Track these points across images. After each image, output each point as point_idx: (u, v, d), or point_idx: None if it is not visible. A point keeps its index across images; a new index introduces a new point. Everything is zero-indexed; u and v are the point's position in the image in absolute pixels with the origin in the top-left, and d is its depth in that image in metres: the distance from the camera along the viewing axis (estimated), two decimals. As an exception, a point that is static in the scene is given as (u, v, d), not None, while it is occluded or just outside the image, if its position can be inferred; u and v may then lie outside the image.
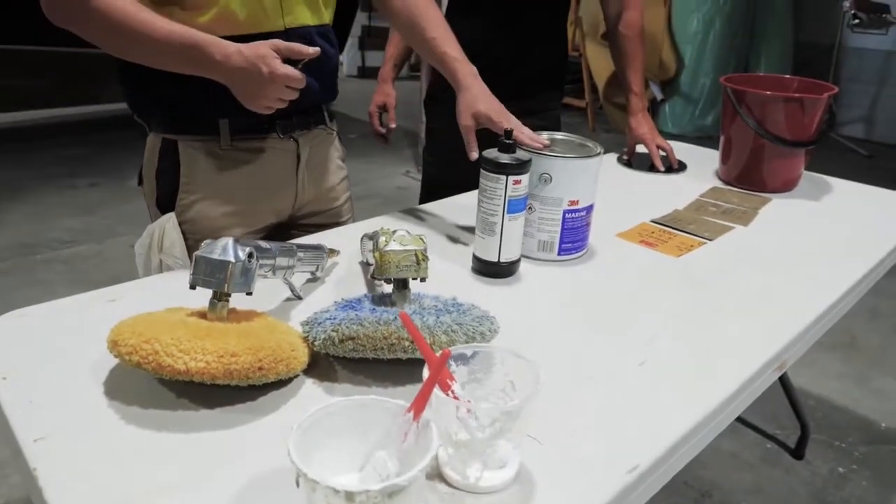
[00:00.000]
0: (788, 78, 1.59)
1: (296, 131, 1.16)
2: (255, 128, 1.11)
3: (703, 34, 5.08)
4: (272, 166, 1.15)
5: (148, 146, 1.13)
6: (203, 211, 1.11)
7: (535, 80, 1.64)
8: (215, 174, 1.10)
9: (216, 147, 1.09)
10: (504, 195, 0.96)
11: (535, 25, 1.58)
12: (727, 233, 1.25)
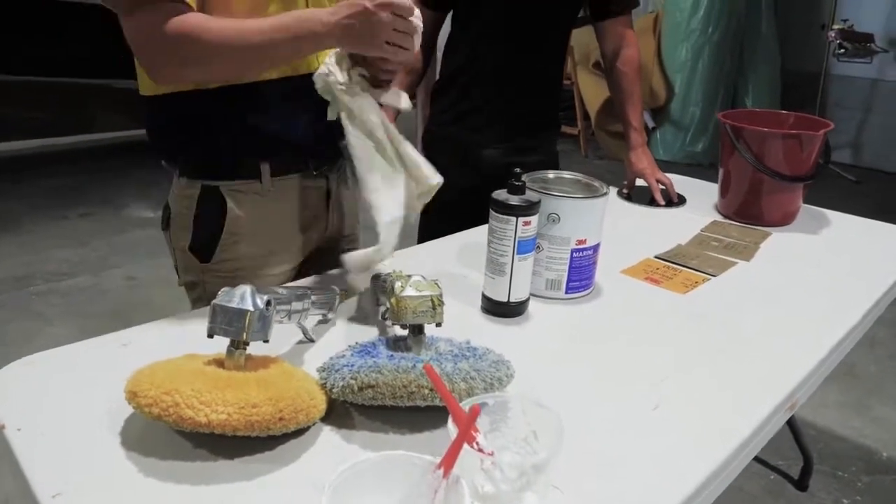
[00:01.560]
0: (784, 113, 1.62)
1: (325, 168, 1.20)
2: (291, 167, 1.14)
3: (692, 63, 5.16)
4: (307, 203, 1.19)
5: (180, 192, 1.13)
6: (246, 251, 1.13)
7: (534, 115, 1.65)
8: (257, 215, 1.13)
9: (258, 189, 1.12)
10: (514, 236, 0.97)
11: (534, 65, 1.60)
12: (731, 268, 1.26)
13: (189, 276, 1.16)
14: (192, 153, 1.11)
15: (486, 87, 1.59)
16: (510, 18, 1.55)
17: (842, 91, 5.42)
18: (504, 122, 1.62)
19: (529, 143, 1.65)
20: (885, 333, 2.71)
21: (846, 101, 5.43)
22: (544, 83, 1.65)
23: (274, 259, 1.16)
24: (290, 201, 1.16)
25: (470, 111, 1.62)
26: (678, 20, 5.17)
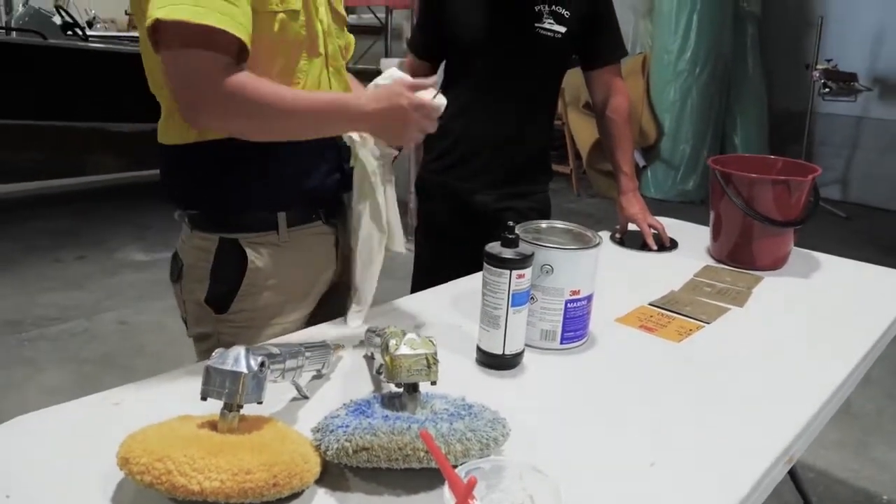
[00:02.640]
0: (772, 158, 1.64)
1: (334, 217, 1.24)
2: (305, 218, 1.19)
3: (680, 103, 5.25)
4: (318, 252, 1.23)
5: (194, 245, 1.14)
6: (263, 301, 1.15)
7: (525, 163, 1.67)
8: (274, 266, 1.15)
9: (276, 240, 1.15)
10: (508, 289, 0.97)
11: (525, 115, 1.63)
12: (724, 315, 1.27)
13: (200, 328, 1.17)
14: (211, 205, 1.13)
15: (476, 136, 1.62)
16: (500, 70, 1.59)
17: (828, 129, 5.51)
18: (495, 169, 1.64)
19: (520, 189, 1.66)
20: (880, 371, 2.71)
21: (832, 139, 5.52)
22: (535, 132, 1.67)
23: (288, 307, 1.19)
24: (303, 251, 1.19)
25: (461, 160, 1.65)
26: (666, 62, 5.27)
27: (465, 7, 1.58)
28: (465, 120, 1.61)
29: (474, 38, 1.58)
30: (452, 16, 1.60)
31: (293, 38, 1.09)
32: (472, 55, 1.58)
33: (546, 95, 1.69)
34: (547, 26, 1.56)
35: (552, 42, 1.58)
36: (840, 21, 5.30)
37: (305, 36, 1.11)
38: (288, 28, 1.07)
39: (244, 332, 1.15)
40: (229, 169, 1.10)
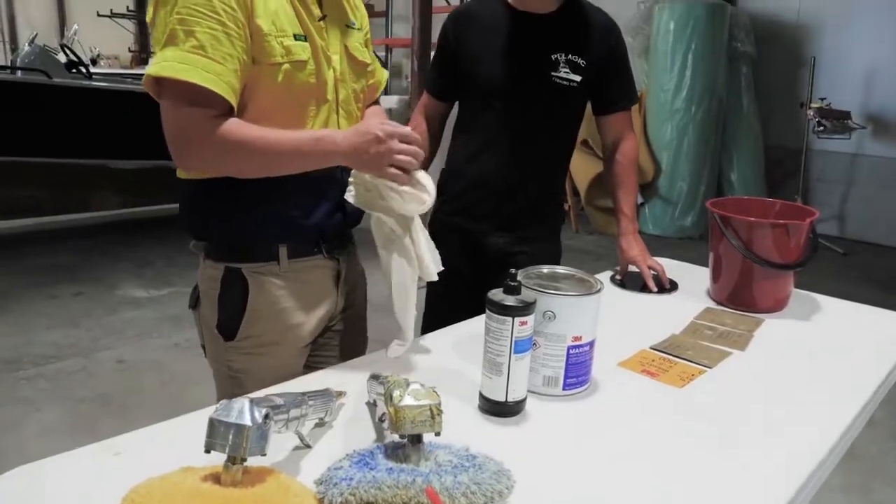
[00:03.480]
0: (771, 201, 1.66)
1: (336, 251, 1.30)
2: (306, 250, 1.24)
3: (677, 141, 5.31)
4: (319, 283, 1.29)
5: (206, 275, 1.23)
6: (265, 329, 1.22)
7: (537, 207, 1.70)
8: (275, 295, 1.22)
9: (276, 270, 1.22)
10: (510, 336, 0.97)
11: (539, 156, 1.66)
12: (726, 359, 1.27)
13: (215, 354, 1.25)
14: (218, 236, 1.21)
15: (490, 180, 1.65)
16: (515, 116, 1.61)
17: (823, 165, 5.58)
18: (508, 213, 1.67)
19: (533, 233, 1.69)
20: (882, 413, 2.69)
21: (828, 175, 5.58)
22: (548, 177, 1.72)
23: (290, 335, 1.25)
24: (304, 282, 1.25)
25: (474, 203, 1.68)
26: (662, 100, 5.35)
27: (482, 52, 1.61)
28: (478, 164, 1.65)
29: (490, 83, 1.61)
30: (469, 60, 1.62)
31: (300, 87, 1.15)
32: (487, 100, 1.61)
33: (560, 142, 1.71)
34: (563, 75, 1.59)
35: (568, 90, 1.60)
36: (832, 61, 5.41)
37: (314, 84, 1.17)
38: (294, 78, 1.13)
39: (250, 358, 1.22)
40: (235, 204, 1.17)
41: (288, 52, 1.12)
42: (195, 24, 1.04)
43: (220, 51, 1.05)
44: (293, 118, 1.16)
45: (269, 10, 1.11)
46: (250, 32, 1.09)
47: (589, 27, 1.62)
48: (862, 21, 5.31)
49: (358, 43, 1.32)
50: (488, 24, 1.61)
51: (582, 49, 1.60)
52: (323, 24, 1.21)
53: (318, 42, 1.18)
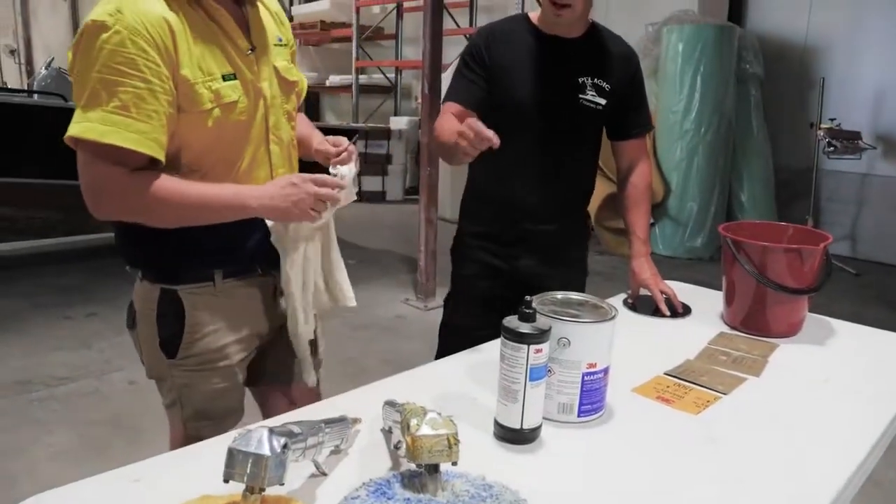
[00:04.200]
0: (784, 225, 1.66)
1: (273, 268, 1.31)
2: (241, 272, 1.29)
3: (687, 161, 5.32)
4: (256, 299, 1.34)
5: (141, 295, 1.27)
6: (205, 346, 1.26)
7: (566, 230, 1.73)
8: (212, 313, 1.26)
9: (212, 290, 1.26)
10: (526, 364, 0.98)
11: (566, 178, 1.69)
12: (741, 385, 1.26)
13: (157, 371, 1.29)
14: (152, 262, 1.26)
15: (519, 203, 1.67)
16: (543, 138, 1.63)
17: (834, 185, 5.56)
18: (538, 236, 1.68)
19: (562, 255, 1.71)
20: (898, 435, 2.66)
21: (839, 195, 5.56)
22: (575, 200, 1.74)
23: (231, 349, 1.29)
24: (241, 298, 1.30)
25: (505, 227, 1.70)
26: (672, 121, 5.36)
27: (513, 69, 1.62)
28: (507, 186, 1.67)
29: (522, 100, 1.62)
30: (501, 75, 1.62)
31: (232, 127, 1.19)
32: (517, 118, 1.61)
33: (585, 165, 1.74)
34: (590, 97, 1.62)
35: (593, 113, 1.64)
36: (841, 81, 5.41)
37: (245, 120, 1.21)
38: (225, 120, 1.17)
39: (194, 375, 1.27)
40: (166, 233, 1.19)
41: (217, 95, 1.15)
42: (118, 84, 1.03)
43: (145, 109, 1.06)
44: (226, 156, 1.20)
45: (193, 57, 1.12)
46: (176, 84, 1.10)
47: (612, 54, 1.66)
48: (870, 41, 5.32)
49: (286, 61, 1.34)
50: (518, 44, 1.63)
51: (606, 74, 1.63)
52: (252, 56, 1.22)
53: (248, 76, 1.21)
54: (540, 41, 1.63)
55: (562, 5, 1.51)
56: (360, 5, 8.40)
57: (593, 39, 1.65)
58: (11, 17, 21.05)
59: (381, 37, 8.96)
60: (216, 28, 1.17)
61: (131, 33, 1.03)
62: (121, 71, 1.03)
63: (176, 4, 1.11)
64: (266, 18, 1.30)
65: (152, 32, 1.06)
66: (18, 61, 20.61)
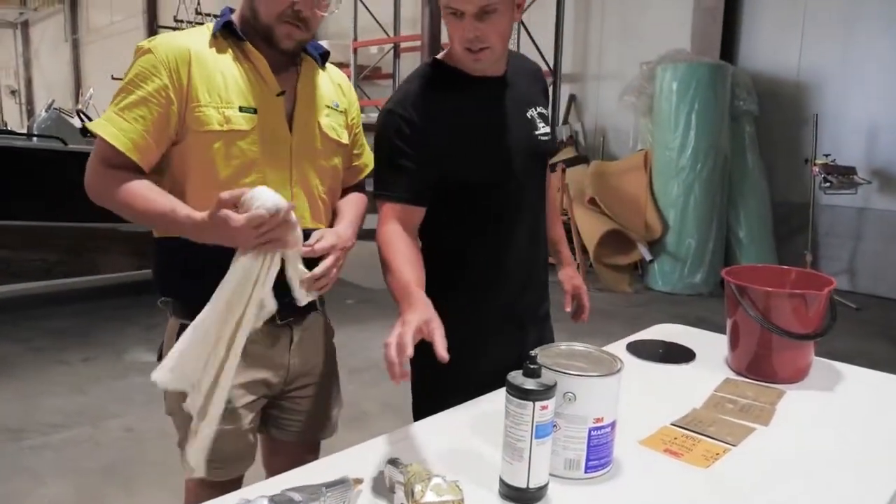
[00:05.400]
0: (786, 269, 1.65)
1: (290, 319, 1.35)
2: None
3: (684, 198, 5.34)
4: (269, 348, 1.35)
5: (168, 329, 1.35)
6: None
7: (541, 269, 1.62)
8: None
9: None
10: (531, 421, 0.95)
11: (533, 220, 1.54)
12: (750, 435, 1.23)
13: (168, 406, 1.33)
14: (177, 296, 1.31)
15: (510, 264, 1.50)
16: (519, 189, 1.48)
17: (831, 220, 5.58)
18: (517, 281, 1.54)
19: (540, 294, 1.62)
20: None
21: (837, 230, 5.58)
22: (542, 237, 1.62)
23: (237, 391, 1.29)
24: (253, 343, 1.27)
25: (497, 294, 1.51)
26: (667, 158, 5.41)
27: (465, 133, 1.39)
28: (490, 250, 1.48)
29: (483, 168, 1.42)
30: (453, 148, 1.37)
31: (239, 155, 1.25)
32: (489, 182, 1.43)
33: (545, 197, 1.61)
34: (542, 131, 1.51)
35: (548, 145, 1.54)
36: (834, 117, 5.47)
37: (257, 154, 1.26)
38: (232, 146, 1.24)
39: None
40: (196, 264, 1.24)
41: (227, 121, 1.24)
42: (128, 92, 1.23)
43: (135, 112, 1.21)
44: (230, 184, 1.22)
45: (213, 83, 1.25)
46: (185, 103, 1.23)
47: (530, 76, 1.56)
48: (861, 77, 5.40)
49: (336, 123, 1.40)
50: (451, 100, 1.39)
51: (540, 99, 1.54)
52: (282, 99, 1.30)
53: (271, 116, 1.28)
54: (472, 88, 1.40)
55: (479, 50, 1.32)
56: (357, 46, 8.53)
57: (512, 67, 1.48)
58: (13, 57, 21.35)
59: (378, 76, 9.07)
60: (250, 68, 1.29)
61: (154, 53, 1.23)
62: (134, 82, 1.23)
63: (215, 43, 1.28)
64: (324, 82, 1.42)
65: (170, 56, 1.23)
66: (19, 101, 20.84)
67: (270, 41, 1.28)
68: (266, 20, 1.26)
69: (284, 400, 1.44)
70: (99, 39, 16.62)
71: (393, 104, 1.38)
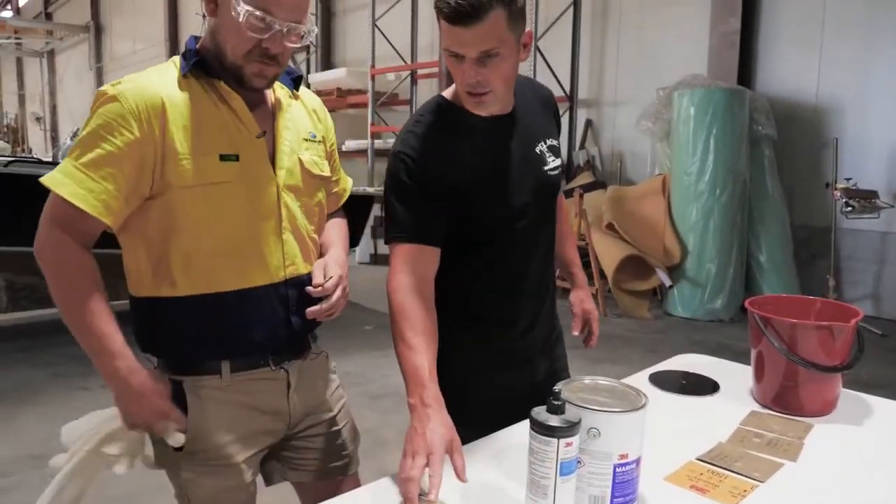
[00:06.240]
0: (811, 299, 1.63)
1: (285, 363, 1.31)
2: (251, 364, 1.26)
3: (703, 223, 5.31)
4: (266, 394, 1.29)
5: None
6: (212, 441, 1.23)
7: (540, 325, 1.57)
8: (218, 406, 1.24)
9: (219, 383, 1.24)
10: (556, 458, 0.95)
11: (544, 254, 1.52)
12: (778, 471, 1.21)
13: (160, 462, 1.27)
14: (162, 351, 1.26)
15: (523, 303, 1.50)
16: (532, 229, 1.46)
17: (854, 244, 5.51)
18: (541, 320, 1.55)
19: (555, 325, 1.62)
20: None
21: (859, 254, 5.51)
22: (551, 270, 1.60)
23: (235, 447, 1.25)
24: (249, 393, 1.26)
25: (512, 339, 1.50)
26: (686, 183, 5.39)
27: (477, 175, 1.37)
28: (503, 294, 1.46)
29: (497, 208, 1.40)
30: (464, 188, 1.36)
31: (226, 205, 1.18)
32: (492, 229, 1.41)
33: (553, 232, 1.57)
34: (552, 165, 1.47)
35: (558, 179, 1.51)
36: (854, 141, 5.44)
37: (243, 202, 1.20)
38: (216, 198, 1.17)
39: (197, 469, 1.22)
40: (176, 320, 1.21)
41: (209, 172, 1.15)
42: (92, 145, 1.10)
43: (105, 171, 1.10)
44: (227, 238, 1.19)
45: (189, 133, 1.15)
46: (163, 156, 1.13)
47: (540, 105, 1.51)
48: (881, 100, 5.36)
49: (316, 156, 1.34)
50: (460, 140, 1.37)
51: (549, 129, 1.50)
52: (263, 140, 1.23)
53: (253, 160, 1.21)
54: (480, 127, 1.37)
55: (479, 94, 1.28)
56: (374, 73, 8.64)
57: (521, 100, 1.44)
58: (39, 85, 21.86)
59: (395, 102, 9.17)
60: (226, 110, 1.20)
61: (121, 103, 1.11)
62: (99, 134, 1.10)
63: (186, 84, 1.17)
64: (299, 112, 1.33)
65: (140, 106, 1.12)
66: (44, 128, 21.30)
67: (241, 81, 1.19)
68: (233, 60, 1.17)
69: (295, 440, 1.39)
70: (122, 68, 17.00)
71: (401, 146, 1.36)
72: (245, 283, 1.21)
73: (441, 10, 1.21)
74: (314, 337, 1.43)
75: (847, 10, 5.50)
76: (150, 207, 1.17)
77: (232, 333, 1.22)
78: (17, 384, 3.83)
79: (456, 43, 1.23)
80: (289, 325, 1.28)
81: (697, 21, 6.25)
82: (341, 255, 1.35)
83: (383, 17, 8.48)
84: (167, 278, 1.19)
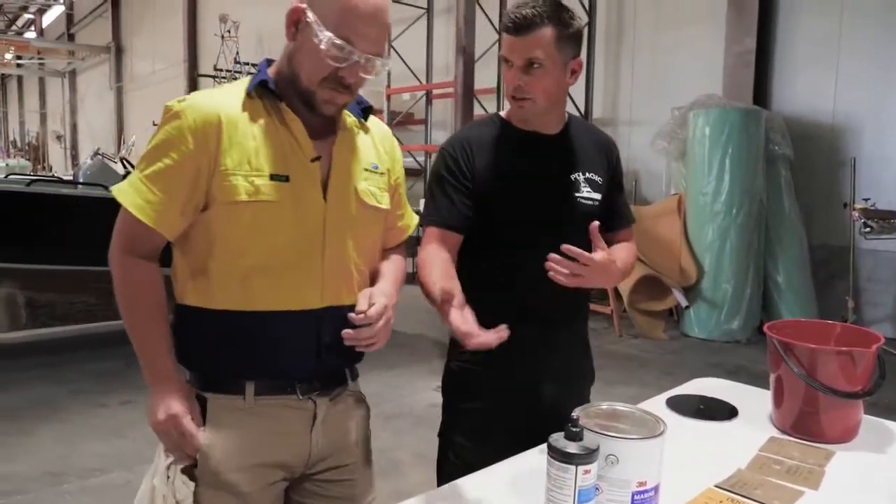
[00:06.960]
0: (830, 324, 1.61)
1: (314, 394, 1.26)
2: (276, 389, 1.23)
3: (719, 243, 5.28)
4: (288, 423, 1.25)
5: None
6: (233, 464, 1.20)
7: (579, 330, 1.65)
8: (237, 428, 1.21)
9: (241, 404, 1.22)
10: (574, 485, 0.95)
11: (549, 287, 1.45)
12: (799, 499, 1.20)
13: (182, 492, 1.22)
14: (192, 362, 1.25)
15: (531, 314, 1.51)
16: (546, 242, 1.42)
17: (873, 265, 5.45)
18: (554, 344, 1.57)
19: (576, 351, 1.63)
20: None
21: (879, 275, 5.44)
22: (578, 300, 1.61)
23: (247, 475, 1.21)
24: (272, 419, 1.23)
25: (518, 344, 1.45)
26: (702, 203, 5.37)
27: (503, 176, 1.51)
28: (511, 299, 1.50)
29: (520, 208, 1.51)
30: (491, 186, 1.50)
31: (270, 226, 1.18)
32: (515, 227, 1.51)
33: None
34: (585, 194, 1.54)
35: (590, 209, 1.54)
36: (872, 161, 5.40)
37: (290, 226, 1.19)
38: (262, 217, 1.17)
39: (212, 494, 1.19)
40: (206, 332, 1.21)
41: (257, 191, 1.16)
42: (155, 158, 1.16)
43: (164, 183, 1.15)
44: (265, 257, 1.19)
45: (243, 149, 1.17)
46: (213, 171, 1.16)
47: (594, 144, 1.61)
48: (899, 120, 5.33)
49: (375, 187, 1.30)
50: (499, 148, 1.53)
51: (595, 166, 1.57)
52: (317, 165, 1.22)
53: (304, 183, 1.20)
54: (521, 141, 1.53)
55: (521, 98, 1.46)
56: (390, 93, 8.72)
57: (574, 133, 1.58)
58: (60, 104, 22.25)
59: (411, 122, 9.24)
60: (285, 131, 1.21)
61: (182, 119, 1.16)
62: (161, 148, 1.16)
63: (250, 103, 1.21)
64: (363, 142, 1.32)
65: (197, 121, 1.16)
66: (64, 146, 21.64)
67: (311, 106, 1.20)
68: (307, 85, 1.18)
69: (308, 483, 1.31)
70: (141, 87, 17.28)
71: (447, 143, 1.57)
72: (279, 305, 1.20)
73: (504, 23, 1.45)
74: (354, 375, 1.36)
75: (863, 29, 5.49)
76: (198, 221, 1.19)
77: (260, 354, 1.21)
78: (35, 401, 3.86)
79: (507, 49, 1.45)
80: (321, 355, 1.24)
81: (712, 41, 6.26)
82: (390, 288, 1.31)
83: (399, 38, 8.57)
84: (205, 290, 1.20)
